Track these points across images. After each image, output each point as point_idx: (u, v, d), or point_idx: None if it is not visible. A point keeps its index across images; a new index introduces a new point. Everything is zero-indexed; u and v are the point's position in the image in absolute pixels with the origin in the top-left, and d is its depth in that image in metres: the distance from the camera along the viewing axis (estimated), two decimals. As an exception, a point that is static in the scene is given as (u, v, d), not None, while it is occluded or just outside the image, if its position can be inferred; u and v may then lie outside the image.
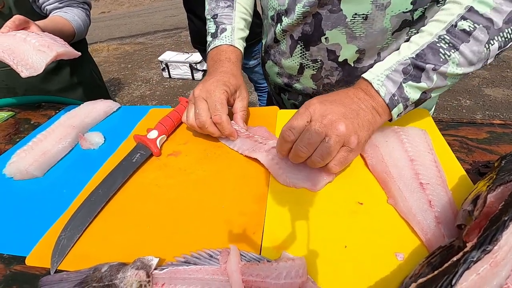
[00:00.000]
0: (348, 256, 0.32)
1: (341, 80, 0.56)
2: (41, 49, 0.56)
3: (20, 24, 0.61)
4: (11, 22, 0.60)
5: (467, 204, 0.30)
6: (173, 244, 0.35)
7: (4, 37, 0.57)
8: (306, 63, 0.57)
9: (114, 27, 5.58)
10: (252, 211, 0.38)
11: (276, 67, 0.64)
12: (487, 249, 0.22)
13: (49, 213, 0.41)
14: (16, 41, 0.57)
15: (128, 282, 0.29)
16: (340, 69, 0.55)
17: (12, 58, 0.55)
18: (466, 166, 0.41)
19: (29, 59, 0.55)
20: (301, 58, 0.57)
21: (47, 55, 0.56)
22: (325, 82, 0.57)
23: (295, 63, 0.58)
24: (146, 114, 0.62)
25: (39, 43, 0.57)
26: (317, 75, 0.57)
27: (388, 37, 0.49)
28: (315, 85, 0.59)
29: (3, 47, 0.56)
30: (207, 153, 0.49)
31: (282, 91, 0.68)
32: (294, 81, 0.62)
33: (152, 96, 2.98)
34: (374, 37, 0.49)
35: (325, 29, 0.50)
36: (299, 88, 0.62)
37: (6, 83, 0.79)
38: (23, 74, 0.55)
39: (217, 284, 0.29)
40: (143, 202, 0.41)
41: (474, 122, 0.50)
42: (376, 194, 0.38)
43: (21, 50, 0.56)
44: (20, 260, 0.35)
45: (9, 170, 0.48)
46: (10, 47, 0.56)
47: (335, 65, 0.54)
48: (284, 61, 0.60)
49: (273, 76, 0.67)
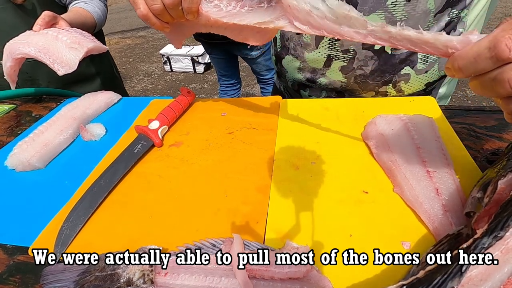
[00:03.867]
0: (353, 245, 0.31)
1: (376, 70, 0.53)
2: (73, 46, 0.57)
3: (50, 20, 0.61)
4: (41, 20, 0.60)
5: (477, 191, 0.29)
6: (176, 233, 0.35)
7: (38, 36, 0.58)
8: (335, 54, 0.53)
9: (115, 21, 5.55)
10: (255, 201, 0.38)
11: (297, 62, 0.59)
12: (499, 235, 0.21)
13: (52, 204, 0.41)
14: (49, 39, 0.57)
15: (131, 271, 0.29)
16: (376, 58, 0.51)
17: (48, 57, 0.56)
18: (474, 154, 0.40)
19: (63, 57, 0.56)
20: (329, 49, 0.53)
21: (78, 51, 0.56)
22: (357, 74, 0.54)
23: (321, 55, 0.55)
24: (148, 105, 0.61)
25: (70, 40, 0.57)
26: (348, 67, 0.54)
27: (430, 19, 0.47)
28: (344, 78, 0.55)
29: (38, 46, 0.56)
30: (209, 143, 0.49)
31: (302, 87, 0.63)
32: (319, 75, 0.57)
33: (154, 89, 2.97)
34: (415, 20, 0.46)
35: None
36: (324, 83, 0.58)
37: (29, 75, 0.80)
38: (59, 72, 0.55)
39: (220, 273, 0.29)
40: (145, 193, 0.41)
41: (482, 109, 0.49)
42: (382, 183, 0.38)
43: (55, 48, 0.56)
44: (23, 250, 0.35)
45: (11, 161, 0.48)
46: (45, 46, 0.56)
47: (371, 54, 0.51)
48: (308, 54, 0.56)
49: (292, 72, 0.62)
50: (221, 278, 0.28)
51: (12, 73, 0.60)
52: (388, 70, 0.52)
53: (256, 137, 0.49)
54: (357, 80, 0.55)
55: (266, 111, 0.54)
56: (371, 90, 0.56)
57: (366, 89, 0.56)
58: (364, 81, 0.55)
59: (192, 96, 0.59)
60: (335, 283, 0.28)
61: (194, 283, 0.28)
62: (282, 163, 0.43)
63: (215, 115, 0.56)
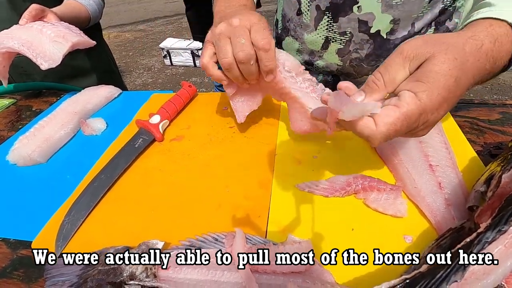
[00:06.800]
0: (355, 238, 0.31)
1: (371, 54, 0.53)
2: (57, 40, 0.56)
3: (37, 14, 0.60)
4: (28, 13, 0.59)
5: (480, 185, 0.29)
6: (178, 228, 0.35)
7: (22, 30, 0.57)
8: (333, 36, 0.53)
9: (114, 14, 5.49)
10: (257, 195, 0.38)
11: (297, 43, 0.59)
12: (503, 229, 0.21)
13: (54, 199, 0.41)
14: (33, 33, 0.56)
15: (134, 266, 0.29)
16: (372, 42, 0.51)
17: (31, 51, 0.55)
18: (477, 148, 0.40)
19: (46, 51, 0.55)
20: (327, 31, 0.53)
21: (63, 45, 0.55)
22: (353, 57, 0.54)
23: (319, 37, 0.54)
24: (148, 99, 0.61)
25: (55, 33, 0.56)
26: (344, 50, 0.54)
27: (424, 5, 0.47)
28: (340, 61, 0.55)
29: (22, 40, 0.55)
30: (211, 137, 0.49)
31: None
32: (317, 57, 0.58)
33: (154, 83, 2.96)
34: (411, 5, 0.46)
35: None
36: (321, 65, 0.58)
37: (25, 69, 0.79)
38: (42, 66, 0.55)
39: (223, 267, 0.29)
40: (147, 187, 0.41)
41: (485, 103, 0.48)
42: (384, 176, 0.38)
43: (38, 42, 0.56)
44: (26, 244, 0.36)
45: (12, 156, 0.48)
46: (28, 40, 0.55)
47: (366, 37, 0.51)
48: (307, 35, 0.56)
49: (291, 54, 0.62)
50: (223, 272, 0.28)
51: (2, 69, 0.59)
52: (383, 55, 0.52)
53: (258, 131, 0.48)
54: (352, 63, 0.55)
55: (268, 105, 0.54)
56: (365, 74, 0.56)
57: (361, 73, 0.56)
58: (359, 65, 0.55)
59: (193, 90, 0.59)
60: (337, 279, 0.28)
61: (197, 277, 0.28)
62: (283, 157, 0.42)
63: (216, 109, 0.55)
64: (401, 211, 0.33)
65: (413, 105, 0.25)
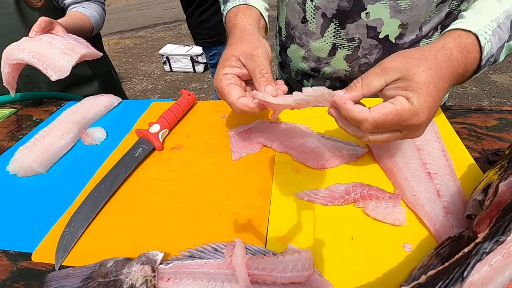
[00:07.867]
0: (354, 247, 0.32)
1: (380, 59, 0.52)
2: (66, 52, 0.58)
3: (46, 26, 0.62)
4: (37, 26, 0.60)
5: (478, 193, 0.29)
6: (177, 238, 0.35)
7: (32, 42, 0.59)
8: (340, 43, 0.53)
9: (114, 21, 5.54)
10: (256, 204, 0.38)
11: (302, 51, 0.59)
12: (500, 239, 0.21)
13: (54, 209, 0.41)
14: (43, 45, 0.58)
15: (134, 277, 0.29)
16: (380, 47, 0.52)
17: (42, 63, 0.56)
18: (475, 155, 0.40)
19: (56, 62, 0.57)
20: (334, 37, 0.53)
21: (72, 57, 0.57)
22: (361, 63, 0.54)
23: (326, 44, 0.55)
24: (148, 108, 0.61)
25: (64, 46, 0.58)
26: (353, 56, 0.54)
27: (432, 9, 0.47)
28: (349, 67, 0.55)
29: (33, 52, 0.57)
30: (210, 146, 0.49)
31: (306, 77, 0.63)
32: (323, 64, 0.57)
33: (154, 90, 2.97)
34: (419, 9, 0.47)
35: (367, 3, 0.48)
36: (328, 72, 0.58)
37: (30, 78, 0.80)
38: (52, 77, 0.56)
39: (223, 278, 0.29)
40: (147, 197, 0.41)
41: (483, 109, 0.49)
42: (383, 184, 0.38)
43: (49, 54, 0.57)
44: (27, 256, 0.36)
45: (12, 167, 0.48)
46: (38, 52, 0.57)
47: (375, 43, 0.51)
48: (313, 42, 0.56)
49: (296, 61, 0.62)
50: (223, 283, 0.28)
51: (11, 80, 0.60)
52: None
53: (257, 140, 0.49)
54: (361, 69, 0.55)
55: (267, 113, 0.54)
56: None
57: None
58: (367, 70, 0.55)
59: (192, 98, 0.59)
60: (337, 287, 0.28)
61: (197, 288, 0.28)
62: (283, 165, 0.43)
63: (215, 117, 0.56)
64: (400, 219, 0.33)
65: (406, 106, 0.30)
